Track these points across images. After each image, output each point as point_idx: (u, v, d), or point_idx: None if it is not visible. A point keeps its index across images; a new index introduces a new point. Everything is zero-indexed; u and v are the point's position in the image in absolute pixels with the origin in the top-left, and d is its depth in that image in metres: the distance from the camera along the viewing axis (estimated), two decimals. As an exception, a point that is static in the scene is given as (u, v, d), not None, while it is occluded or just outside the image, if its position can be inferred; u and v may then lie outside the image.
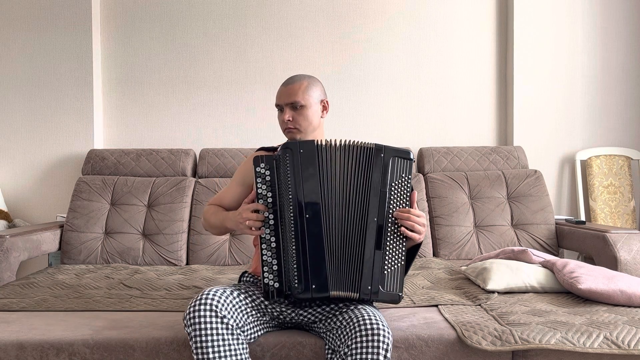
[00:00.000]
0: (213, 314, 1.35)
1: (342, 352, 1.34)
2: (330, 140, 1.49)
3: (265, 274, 1.43)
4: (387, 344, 1.31)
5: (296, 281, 1.42)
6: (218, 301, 1.37)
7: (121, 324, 1.59)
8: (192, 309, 1.36)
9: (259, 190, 1.45)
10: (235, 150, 2.86)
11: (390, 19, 3.10)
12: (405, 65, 3.10)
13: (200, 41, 3.08)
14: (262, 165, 1.45)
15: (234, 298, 1.42)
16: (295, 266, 1.42)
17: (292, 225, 1.43)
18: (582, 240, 2.37)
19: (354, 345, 1.31)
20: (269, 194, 1.45)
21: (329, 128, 3.06)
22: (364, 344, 1.30)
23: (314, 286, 1.42)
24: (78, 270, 2.33)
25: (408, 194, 1.47)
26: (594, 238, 2.26)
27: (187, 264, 2.57)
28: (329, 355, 1.42)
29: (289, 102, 1.64)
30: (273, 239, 1.44)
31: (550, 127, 3.08)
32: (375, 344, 1.30)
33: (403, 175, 1.47)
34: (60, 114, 3.00)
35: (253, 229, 1.45)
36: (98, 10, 3.05)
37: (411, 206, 1.47)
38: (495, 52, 3.13)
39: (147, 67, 3.09)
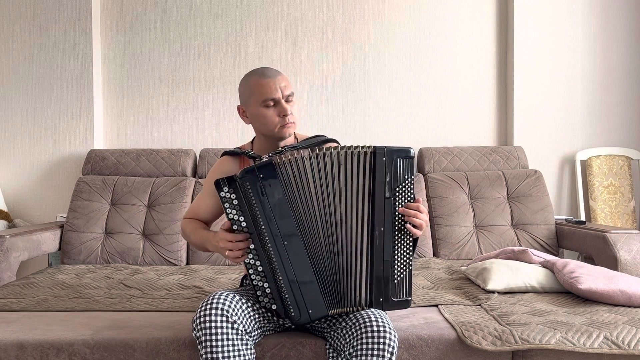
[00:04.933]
0: (224, 318, 1.32)
1: (346, 353, 1.33)
2: (301, 151, 1.37)
3: (260, 297, 1.40)
4: (393, 347, 1.30)
5: (291, 310, 1.39)
6: (229, 306, 1.34)
7: (121, 324, 1.59)
8: (202, 313, 1.33)
9: (230, 216, 1.37)
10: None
11: (390, 18, 3.10)
12: (406, 65, 3.10)
13: (200, 41, 3.08)
14: (226, 189, 1.35)
15: (243, 303, 1.39)
16: (286, 295, 1.38)
17: (272, 255, 1.37)
18: (582, 240, 2.37)
19: (359, 347, 1.30)
20: (241, 218, 1.36)
21: (328, 128, 3.06)
22: (370, 345, 1.29)
23: (310, 311, 1.39)
24: (78, 270, 2.33)
25: (412, 195, 1.40)
26: (594, 238, 2.26)
27: (187, 264, 2.57)
28: (330, 354, 1.41)
29: (286, 93, 1.50)
30: (258, 262, 1.38)
31: (550, 127, 3.08)
32: (382, 345, 1.29)
33: (406, 177, 1.38)
34: (60, 114, 3.00)
35: (237, 257, 1.38)
36: (98, 10, 3.05)
37: None
38: (495, 52, 3.13)
39: (147, 67, 3.08)
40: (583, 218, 2.94)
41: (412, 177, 1.39)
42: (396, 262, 1.40)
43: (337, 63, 3.10)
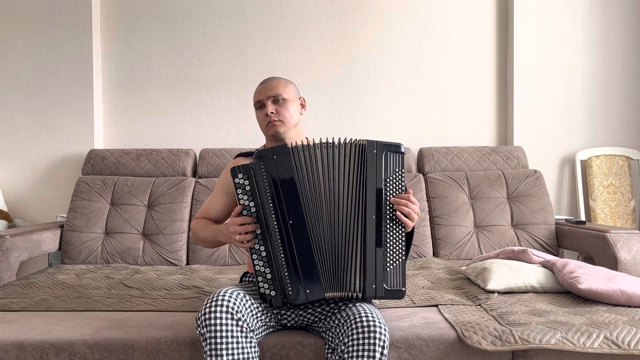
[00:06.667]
0: (229, 315, 1.33)
1: (339, 350, 1.34)
2: (311, 140, 1.45)
3: (261, 284, 1.43)
4: (384, 341, 1.31)
5: (289, 288, 1.41)
6: (234, 303, 1.35)
7: (121, 324, 1.59)
8: (207, 310, 1.33)
9: (241, 202, 1.44)
10: (235, 150, 2.86)
11: (390, 19, 3.10)
12: (406, 65, 3.11)
13: (200, 41, 3.08)
14: (240, 175, 1.44)
15: (247, 300, 1.41)
16: (286, 274, 1.41)
17: (277, 233, 1.42)
18: (582, 240, 2.37)
19: (350, 343, 1.31)
20: (251, 204, 1.44)
21: (328, 128, 3.07)
22: (361, 341, 1.30)
23: (307, 291, 1.42)
24: (78, 270, 2.33)
25: (403, 188, 1.46)
26: (594, 238, 2.26)
27: (187, 264, 2.57)
28: (329, 354, 1.42)
29: (271, 95, 1.63)
30: (262, 248, 1.43)
31: (550, 127, 3.08)
32: (372, 340, 1.30)
33: (396, 169, 1.45)
34: (60, 114, 3.00)
35: (244, 242, 1.43)
36: (98, 10, 3.05)
37: None
38: (495, 52, 3.13)
39: (147, 67, 3.09)
40: (583, 218, 2.94)
41: (403, 171, 1.46)
42: (388, 250, 1.44)
43: (337, 63, 3.10)
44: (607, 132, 3.09)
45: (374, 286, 1.42)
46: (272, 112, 1.61)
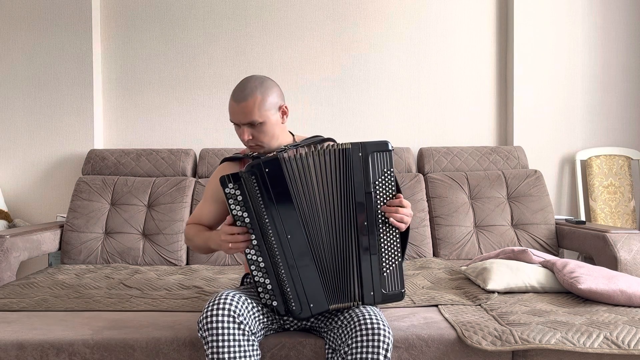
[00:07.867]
0: (231, 319, 1.32)
1: (342, 351, 1.34)
2: (299, 149, 1.41)
3: (262, 294, 1.42)
4: (388, 344, 1.31)
5: (293, 304, 1.40)
6: (236, 306, 1.34)
7: (121, 324, 1.59)
8: (209, 313, 1.33)
9: (234, 212, 1.39)
10: (235, 151, 2.86)
11: (390, 19, 3.10)
12: (406, 65, 3.10)
13: (200, 41, 3.08)
14: (231, 185, 1.38)
15: (249, 303, 1.40)
16: (288, 289, 1.39)
17: (275, 248, 1.38)
18: (582, 240, 2.37)
19: (354, 345, 1.31)
20: (245, 214, 1.39)
21: (329, 128, 3.07)
22: (364, 343, 1.30)
23: (311, 305, 1.40)
24: (78, 270, 2.33)
25: (393, 188, 1.42)
26: (594, 238, 2.27)
27: (187, 264, 2.57)
28: (329, 354, 1.42)
29: (246, 122, 1.51)
30: (260, 258, 1.40)
31: (550, 127, 3.08)
32: (376, 343, 1.30)
33: (385, 169, 1.40)
34: (60, 114, 3.00)
35: (238, 249, 1.40)
36: (98, 10, 3.05)
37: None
38: (495, 52, 3.13)
39: (147, 67, 3.08)
40: (583, 218, 2.94)
41: (391, 170, 1.41)
42: (382, 254, 1.42)
43: (337, 63, 3.10)
44: (607, 132, 3.09)
45: (372, 293, 1.41)
46: (249, 139, 1.53)
